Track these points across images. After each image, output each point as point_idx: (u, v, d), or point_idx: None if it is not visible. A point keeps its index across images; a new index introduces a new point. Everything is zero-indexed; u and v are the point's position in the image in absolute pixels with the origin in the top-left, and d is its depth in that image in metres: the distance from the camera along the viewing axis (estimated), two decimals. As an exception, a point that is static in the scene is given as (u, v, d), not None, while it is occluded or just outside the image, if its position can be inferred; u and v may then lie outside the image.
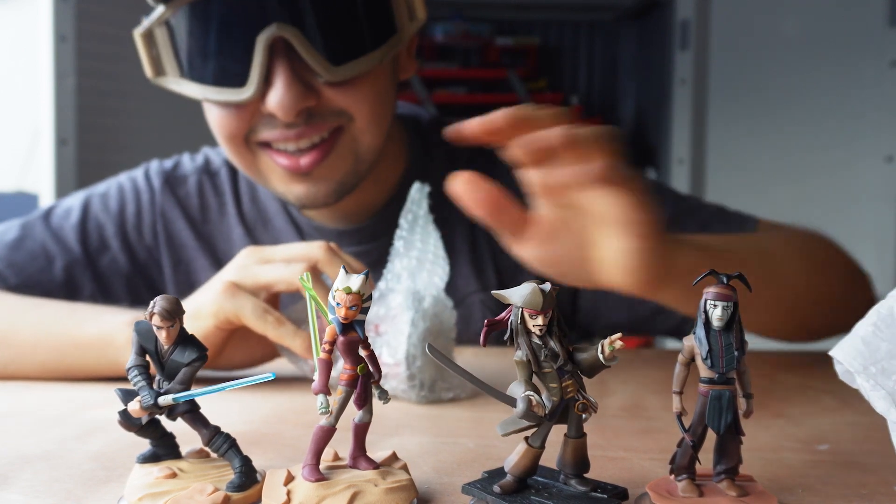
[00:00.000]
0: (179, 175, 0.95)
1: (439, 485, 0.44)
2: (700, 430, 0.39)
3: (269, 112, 0.75)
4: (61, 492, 0.42)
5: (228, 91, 0.75)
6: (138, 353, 0.41)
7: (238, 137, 0.79)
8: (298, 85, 0.74)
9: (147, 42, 0.77)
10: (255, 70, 0.72)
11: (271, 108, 0.74)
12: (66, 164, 1.97)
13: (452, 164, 0.94)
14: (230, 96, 0.75)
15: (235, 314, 0.63)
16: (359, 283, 0.39)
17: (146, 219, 0.92)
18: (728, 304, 0.38)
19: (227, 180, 0.94)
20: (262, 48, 0.72)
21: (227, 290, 0.64)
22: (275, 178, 0.81)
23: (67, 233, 0.89)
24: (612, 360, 0.38)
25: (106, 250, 0.90)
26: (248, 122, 0.78)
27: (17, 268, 0.86)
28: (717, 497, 0.39)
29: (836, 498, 0.43)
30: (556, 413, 0.39)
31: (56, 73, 1.94)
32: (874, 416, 0.42)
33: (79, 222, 0.90)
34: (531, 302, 0.38)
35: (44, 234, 0.89)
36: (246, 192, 0.94)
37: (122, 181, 0.95)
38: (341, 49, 0.74)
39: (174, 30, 0.77)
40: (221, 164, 0.95)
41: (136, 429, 0.42)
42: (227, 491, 0.39)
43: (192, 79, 0.77)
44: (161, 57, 0.78)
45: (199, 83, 0.76)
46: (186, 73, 0.77)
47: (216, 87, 0.76)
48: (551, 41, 3.93)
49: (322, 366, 0.39)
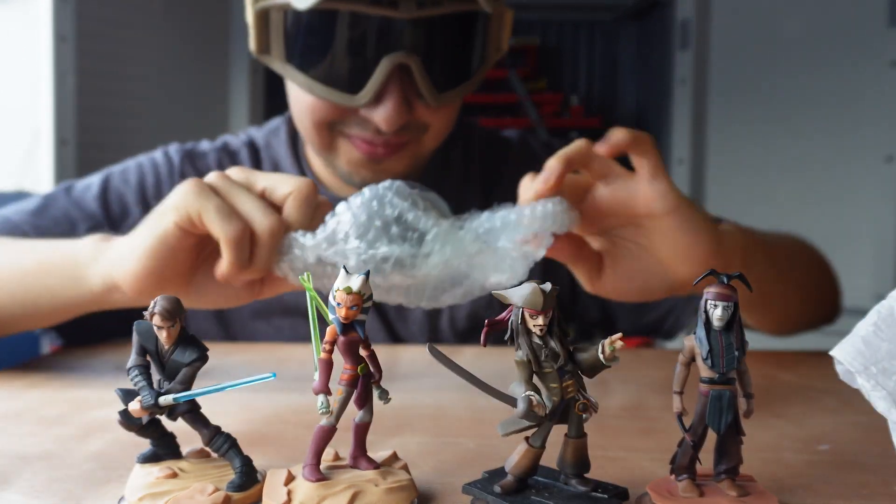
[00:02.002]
0: (198, 152, 0.98)
1: (440, 485, 0.44)
2: (700, 429, 0.39)
3: (372, 121, 0.80)
4: (61, 492, 0.42)
5: (338, 94, 0.79)
6: (139, 353, 0.41)
7: (324, 124, 0.84)
8: (404, 105, 0.79)
9: (260, 20, 0.80)
10: (372, 85, 0.77)
11: (377, 120, 0.79)
12: (66, 164, 1.97)
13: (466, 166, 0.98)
14: (340, 100, 0.79)
15: (198, 211, 0.58)
16: (359, 283, 0.39)
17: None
18: (728, 305, 0.38)
19: (247, 159, 0.97)
20: (384, 69, 0.76)
21: (194, 187, 0.59)
22: (345, 160, 0.86)
23: (89, 202, 0.91)
24: (612, 360, 0.38)
25: (127, 217, 0.92)
26: (341, 117, 0.82)
27: (42, 231, 0.86)
28: (718, 497, 0.39)
29: (836, 498, 0.43)
30: (556, 413, 0.39)
31: (56, 73, 1.94)
32: (875, 417, 0.42)
33: (100, 193, 0.92)
34: (532, 302, 0.38)
35: (66, 203, 0.90)
36: (267, 170, 0.96)
37: (139, 159, 0.97)
38: (445, 77, 0.81)
39: (292, 18, 0.79)
40: (241, 146, 0.99)
41: (136, 429, 0.42)
42: (227, 491, 0.39)
43: (299, 69, 0.80)
44: (270, 38, 0.81)
45: (308, 76, 0.80)
46: (294, 62, 0.80)
47: (326, 87, 0.79)
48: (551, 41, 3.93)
49: (322, 366, 0.39)
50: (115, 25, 2.12)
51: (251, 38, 0.82)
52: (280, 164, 0.97)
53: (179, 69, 2.36)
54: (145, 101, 2.23)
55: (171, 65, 2.33)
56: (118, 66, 2.14)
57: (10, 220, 0.87)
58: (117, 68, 2.13)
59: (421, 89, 0.78)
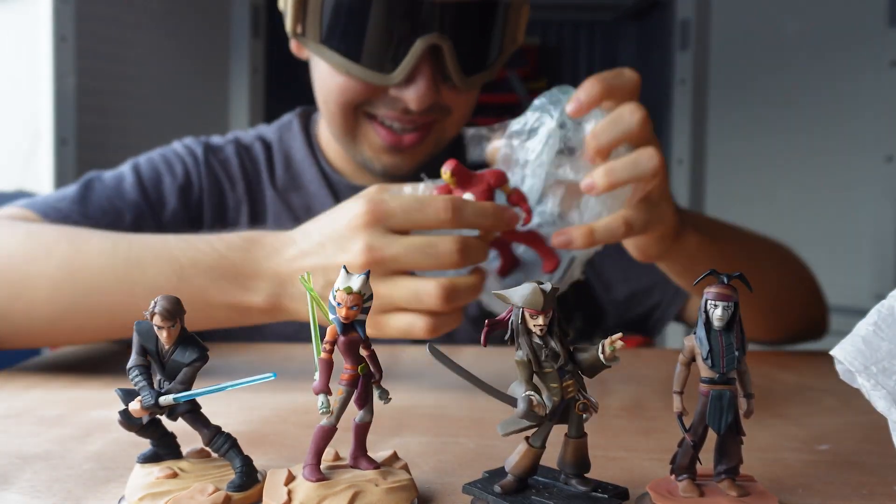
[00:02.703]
0: (215, 145, 0.99)
1: (440, 485, 0.44)
2: (701, 429, 0.39)
3: (402, 100, 0.82)
4: (61, 492, 0.42)
5: (373, 74, 0.81)
6: (139, 353, 0.41)
7: (352, 105, 0.86)
8: (434, 85, 0.82)
9: (298, 2, 0.83)
10: (406, 65, 0.80)
11: (408, 99, 0.82)
12: (66, 164, 1.97)
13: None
14: (374, 79, 0.81)
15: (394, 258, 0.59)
16: (359, 283, 0.39)
17: (195, 179, 0.95)
18: (729, 305, 0.38)
19: (260, 152, 0.99)
20: (418, 49, 0.79)
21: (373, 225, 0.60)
22: (368, 146, 0.89)
23: (128, 190, 0.91)
24: (612, 360, 0.38)
25: (164, 206, 0.92)
26: (370, 97, 0.84)
27: (93, 220, 0.85)
28: (718, 497, 0.39)
29: (836, 498, 0.43)
30: (556, 413, 0.39)
31: (56, 73, 1.93)
32: (875, 416, 0.42)
33: (136, 181, 0.92)
34: (532, 302, 0.38)
35: (106, 193, 0.90)
36: (280, 162, 0.99)
37: (160, 151, 0.97)
38: (473, 61, 0.84)
39: (330, 1, 0.81)
40: (254, 140, 1.00)
41: (136, 429, 0.42)
42: (227, 491, 0.39)
43: (335, 49, 0.82)
44: (307, 19, 0.83)
45: (343, 56, 0.82)
46: (330, 43, 0.83)
47: (361, 67, 0.81)
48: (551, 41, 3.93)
49: (323, 366, 0.39)
50: (115, 25, 2.12)
51: (287, 20, 0.84)
52: (293, 156, 0.99)
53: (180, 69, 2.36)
54: (145, 101, 2.23)
55: (171, 65, 2.33)
56: (118, 66, 2.14)
57: (56, 208, 0.85)
58: (117, 68, 2.13)
59: (450, 71, 0.81)
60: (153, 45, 2.26)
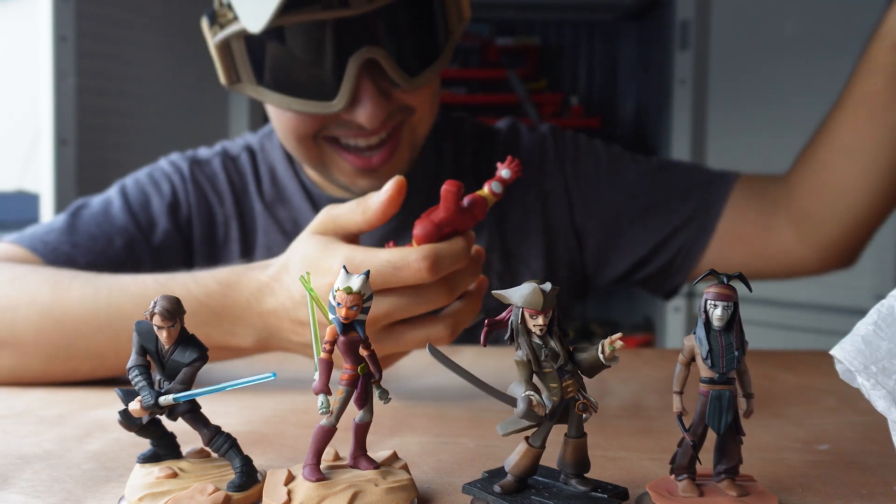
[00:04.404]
0: (201, 159, 0.98)
1: (439, 485, 0.44)
2: (700, 429, 0.39)
3: (355, 121, 0.79)
4: (61, 492, 0.42)
5: (315, 104, 0.78)
6: (139, 353, 0.41)
7: (308, 136, 0.83)
8: (382, 97, 0.79)
9: (223, 52, 0.80)
10: (345, 87, 0.76)
11: (360, 121, 0.78)
12: (66, 164, 1.97)
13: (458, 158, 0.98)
14: (318, 109, 0.78)
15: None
16: (359, 283, 0.39)
17: (181, 197, 0.94)
18: (728, 305, 0.38)
19: (247, 163, 0.98)
20: (353, 69, 0.76)
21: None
22: (339, 172, 0.85)
23: (117, 215, 0.90)
24: (612, 359, 0.38)
25: (155, 227, 0.92)
26: (322, 124, 0.82)
27: (82, 248, 0.85)
28: (718, 497, 0.39)
29: (836, 498, 0.43)
30: (556, 413, 0.39)
31: (56, 73, 1.93)
32: (874, 416, 0.42)
33: (124, 205, 0.91)
34: (531, 302, 0.38)
35: (95, 219, 0.89)
36: (266, 174, 0.97)
37: (147, 171, 0.97)
38: (415, 60, 0.80)
39: (254, 43, 0.79)
40: (241, 151, 0.99)
41: (136, 429, 0.42)
42: (227, 491, 0.39)
43: (272, 88, 0.80)
44: (237, 66, 0.81)
45: (281, 93, 0.79)
46: (266, 83, 0.80)
47: (301, 100, 0.78)
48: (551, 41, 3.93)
49: (322, 366, 0.39)
50: (115, 25, 2.12)
51: (219, 72, 0.82)
52: (275, 167, 0.97)
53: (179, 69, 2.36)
54: (145, 101, 2.23)
55: (171, 65, 2.32)
56: (118, 66, 2.14)
57: (45, 241, 0.84)
58: (117, 68, 2.13)
59: (394, 78, 0.78)
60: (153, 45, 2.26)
